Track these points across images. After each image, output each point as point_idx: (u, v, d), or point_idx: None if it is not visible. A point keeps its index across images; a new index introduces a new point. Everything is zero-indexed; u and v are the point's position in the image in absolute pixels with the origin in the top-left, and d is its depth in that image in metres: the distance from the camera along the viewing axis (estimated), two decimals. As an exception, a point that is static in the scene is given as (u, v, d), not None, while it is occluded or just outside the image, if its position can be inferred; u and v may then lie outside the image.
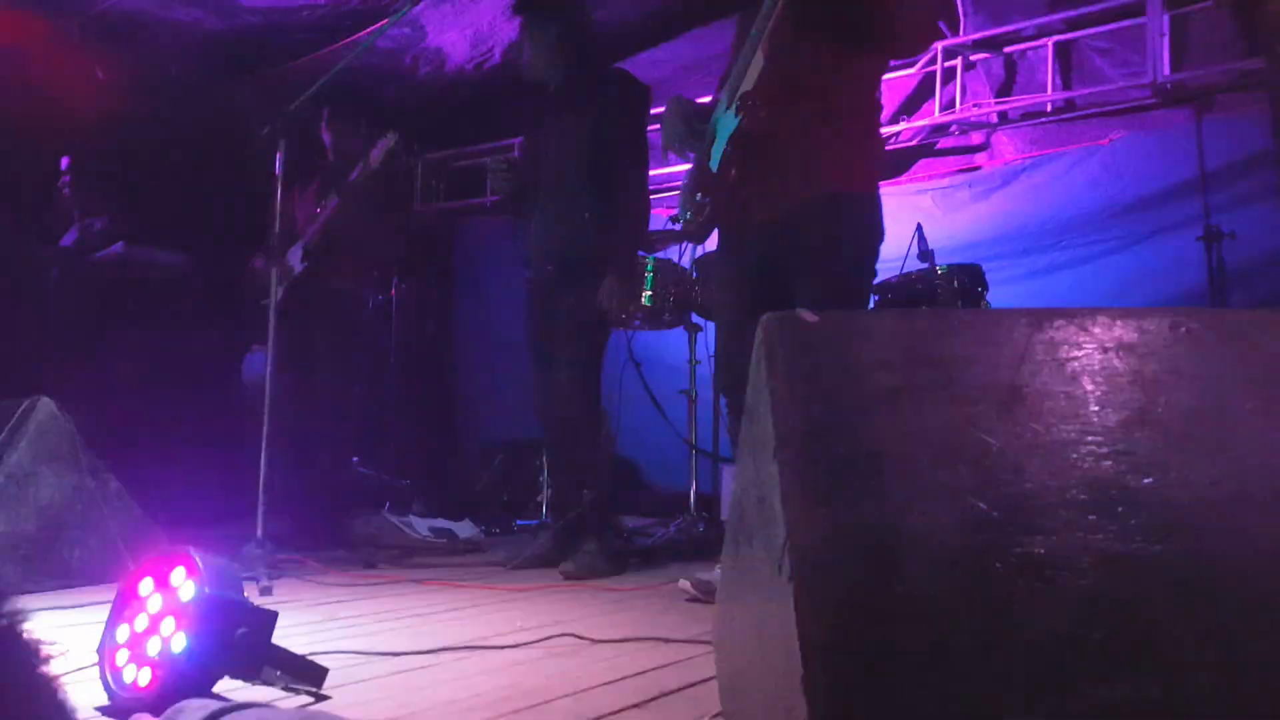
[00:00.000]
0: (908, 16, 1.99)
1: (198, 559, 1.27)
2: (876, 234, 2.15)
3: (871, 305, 2.87)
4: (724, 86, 2.28)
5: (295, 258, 3.73)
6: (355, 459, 4.49)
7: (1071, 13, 4.11)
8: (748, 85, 2.00)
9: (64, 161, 4.12)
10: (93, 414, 3.12)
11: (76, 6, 4.31)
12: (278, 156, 3.37)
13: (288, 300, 3.53)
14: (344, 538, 3.53)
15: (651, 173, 5.34)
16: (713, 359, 3.94)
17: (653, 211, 4.94)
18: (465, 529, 3.95)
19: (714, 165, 2.12)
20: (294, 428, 3.42)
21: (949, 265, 3.45)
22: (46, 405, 2.64)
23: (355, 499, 4.12)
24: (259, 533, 2.72)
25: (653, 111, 3.06)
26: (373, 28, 4.43)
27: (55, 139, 4.28)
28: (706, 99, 2.39)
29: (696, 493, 3.88)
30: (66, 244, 4.06)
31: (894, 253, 3.28)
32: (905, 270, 3.54)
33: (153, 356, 4.04)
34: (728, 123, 2.07)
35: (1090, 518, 0.85)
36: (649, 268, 3.81)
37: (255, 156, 3.55)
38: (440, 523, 3.98)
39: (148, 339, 4.05)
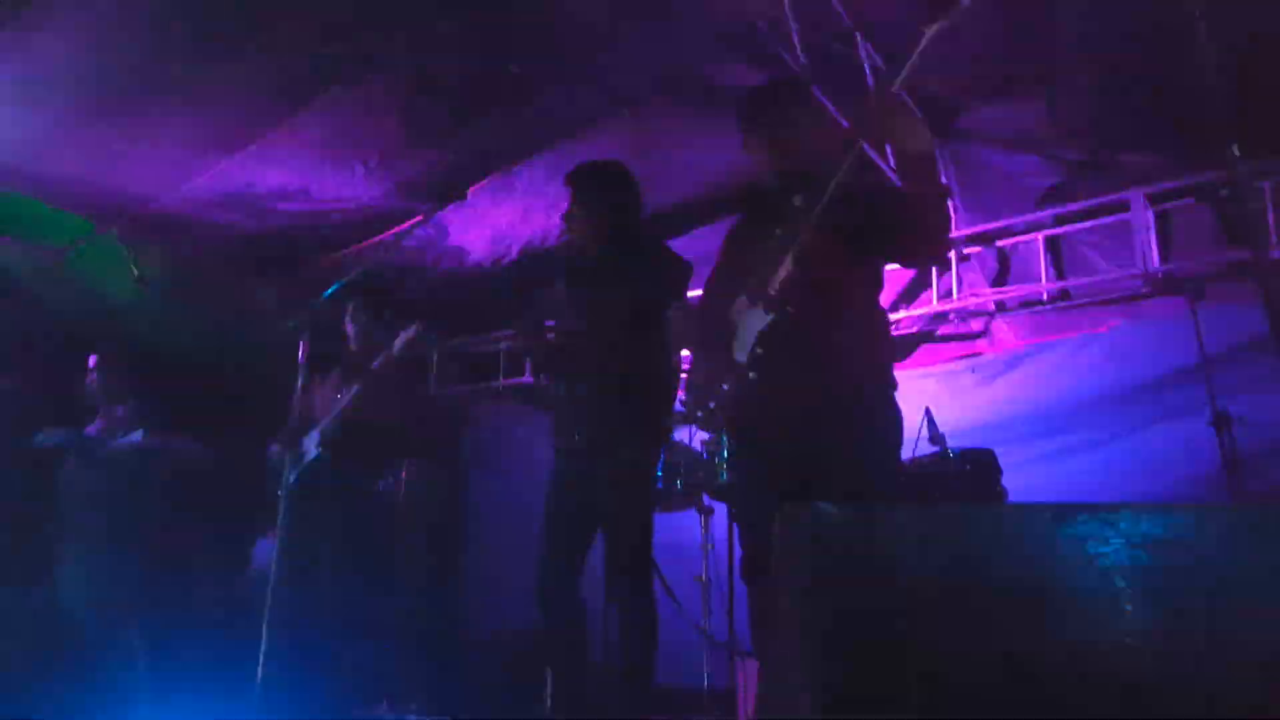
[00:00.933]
0: (929, 229, 2.12)
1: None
2: (899, 427, 2.22)
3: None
4: (719, 282, 2.42)
5: (311, 443, 3.79)
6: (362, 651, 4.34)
7: (1059, 209, 4.33)
8: (774, 287, 2.14)
9: (91, 359, 4.26)
10: (104, 602, 3.09)
11: (124, 208, 4.59)
12: (300, 346, 3.50)
13: (300, 485, 3.55)
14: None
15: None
16: (724, 543, 3.91)
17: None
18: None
19: (741, 358, 2.21)
20: (296, 615, 3.35)
21: (961, 450, 3.46)
22: (40, 598, 2.60)
23: (354, 691, 3.96)
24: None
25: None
26: (398, 229, 4.70)
27: (87, 331, 4.46)
28: (696, 292, 2.54)
29: (710, 689, 3.70)
30: (90, 433, 4.13)
31: (904, 437, 3.30)
32: (916, 454, 3.55)
33: (169, 543, 4.02)
34: (754, 320, 2.18)
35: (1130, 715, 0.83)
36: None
37: (278, 348, 3.69)
38: (440, 721, 3.80)
39: (165, 526, 4.04)
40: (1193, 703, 0.83)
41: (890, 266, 2.45)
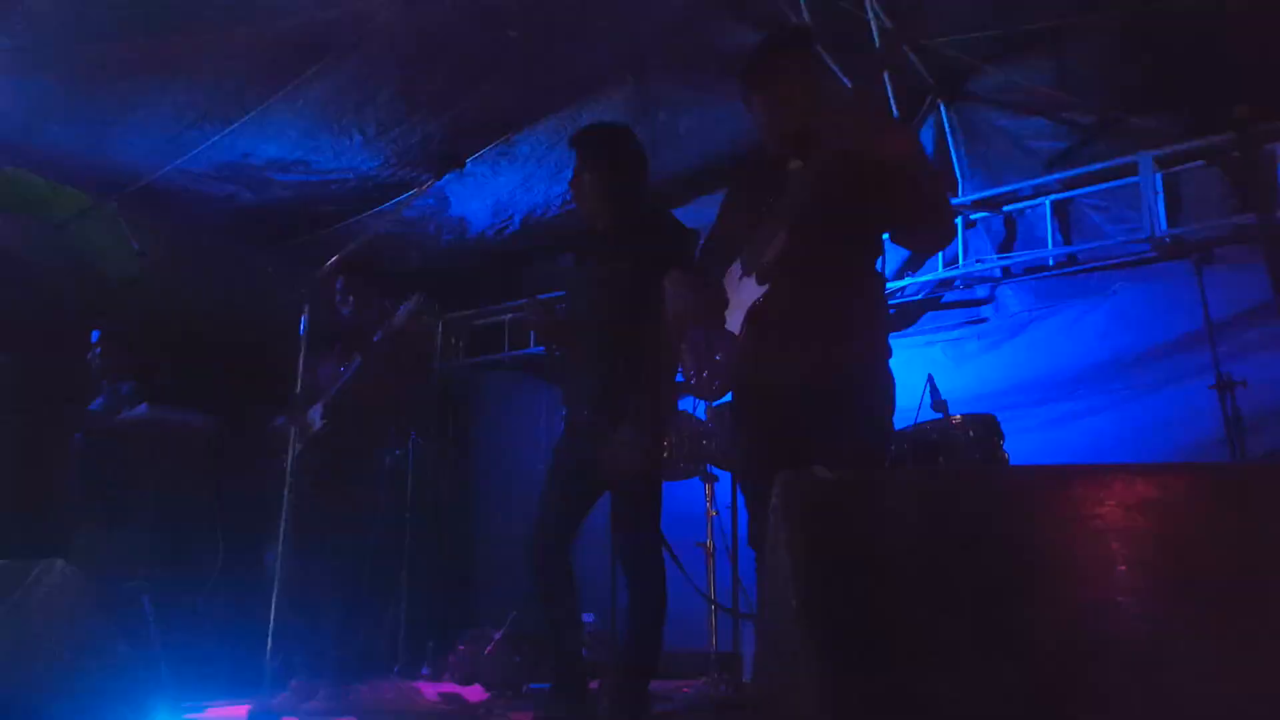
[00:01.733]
0: (929, 210, 2.10)
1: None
2: (892, 395, 2.21)
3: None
4: (715, 253, 2.38)
5: (315, 415, 3.79)
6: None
7: (1066, 173, 4.28)
8: (769, 257, 2.10)
9: (94, 334, 4.27)
10: (112, 575, 3.12)
11: (120, 182, 4.58)
12: (302, 319, 3.49)
13: (305, 458, 3.56)
14: (354, 703, 3.41)
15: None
16: (729, 510, 3.93)
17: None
18: (474, 693, 3.81)
19: (733, 329, 2.19)
20: (304, 586, 3.38)
21: (963, 415, 3.45)
22: (59, 569, 2.61)
23: (365, 662, 4.01)
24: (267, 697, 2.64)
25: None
26: (398, 199, 4.68)
27: (89, 305, 4.47)
28: None
29: (717, 652, 3.74)
30: (94, 408, 4.15)
31: (906, 404, 3.29)
32: (919, 420, 3.54)
33: (174, 516, 4.06)
34: (748, 290, 2.16)
35: (1125, 682, 0.82)
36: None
37: (281, 320, 3.69)
38: (449, 687, 3.85)
39: (170, 499, 4.07)
40: (1188, 664, 0.82)
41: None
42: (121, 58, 3.59)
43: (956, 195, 4.42)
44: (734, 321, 2.21)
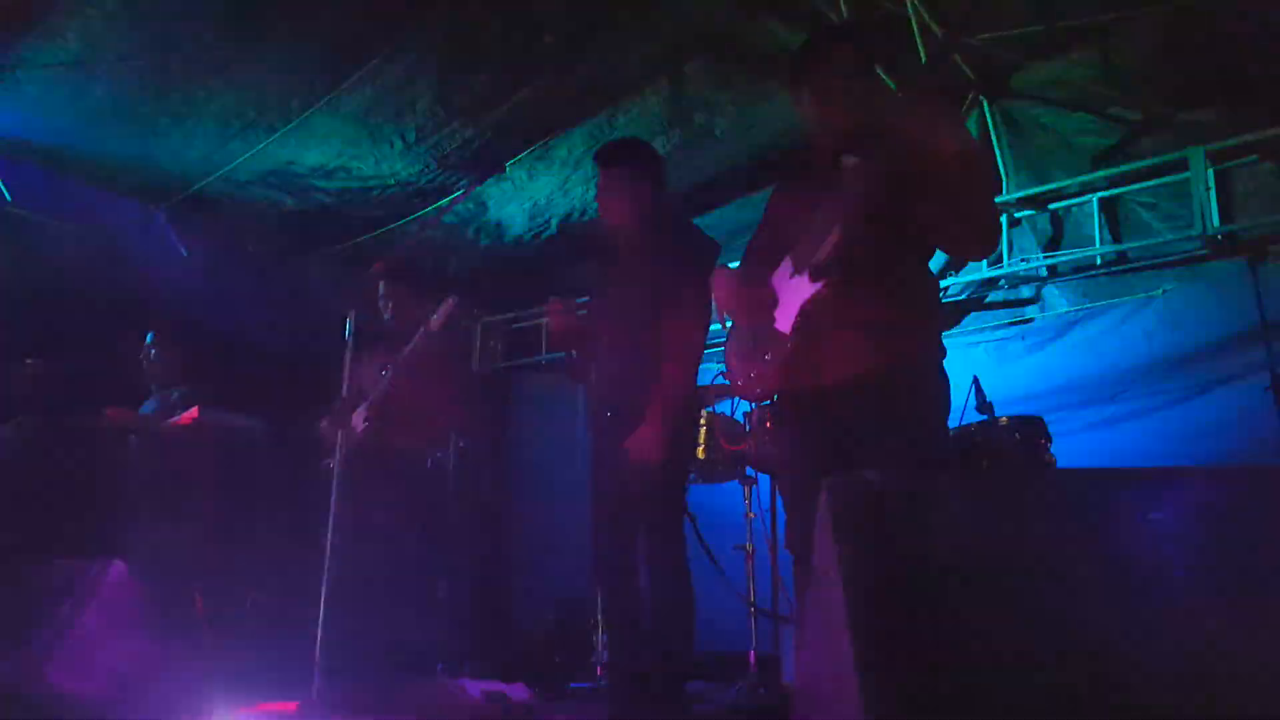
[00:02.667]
0: (977, 235, 2.10)
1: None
2: (947, 397, 2.18)
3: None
4: (761, 250, 2.37)
5: (359, 419, 3.85)
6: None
7: (1113, 169, 4.20)
8: (822, 255, 2.09)
9: (149, 336, 4.38)
10: (165, 575, 3.18)
11: (168, 190, 4.69)
12: (347, 323, 3.55)
13: (351, 461, 3.62)
14: (399, 701, 3.45)
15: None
16: (768, 513, 3.92)
17: (705, 364, 4.99)
18: (518, 692, 3.83)
19: (783, 328, 2.18)
20: (351, 587, 3.43)
21: (1009, 417, 3.41)
22: (117, 569, 2.68)
23: (410, 660, 4.05)
24: (316, 695, 2.68)
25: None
26: (439, 204, 4.72)
27: (141, 312, 4.58)
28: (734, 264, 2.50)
29: (756, 654, 3.73)
30: (146, 411, 4.25)
31: (952, 405, 3.26)
32: (964, 422, 3.50)
33: (224, 517, 4.14)
34: (799, 289, 2.14)
35: (1186, 690, 0.81)
36: (703, 421, 3.84)
37: (327, 325, 3.75)
38: (493, 685, 3.88)
39: (220, 500, 4.15)
40: (1248, 673, 0.81)
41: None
42: (170, 69, 3.68)
43: (1002, 193, 4.36)
44: (783, 321, 2.19)
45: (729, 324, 2.46)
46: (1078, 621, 0.91)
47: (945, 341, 2.24)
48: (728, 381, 2.46)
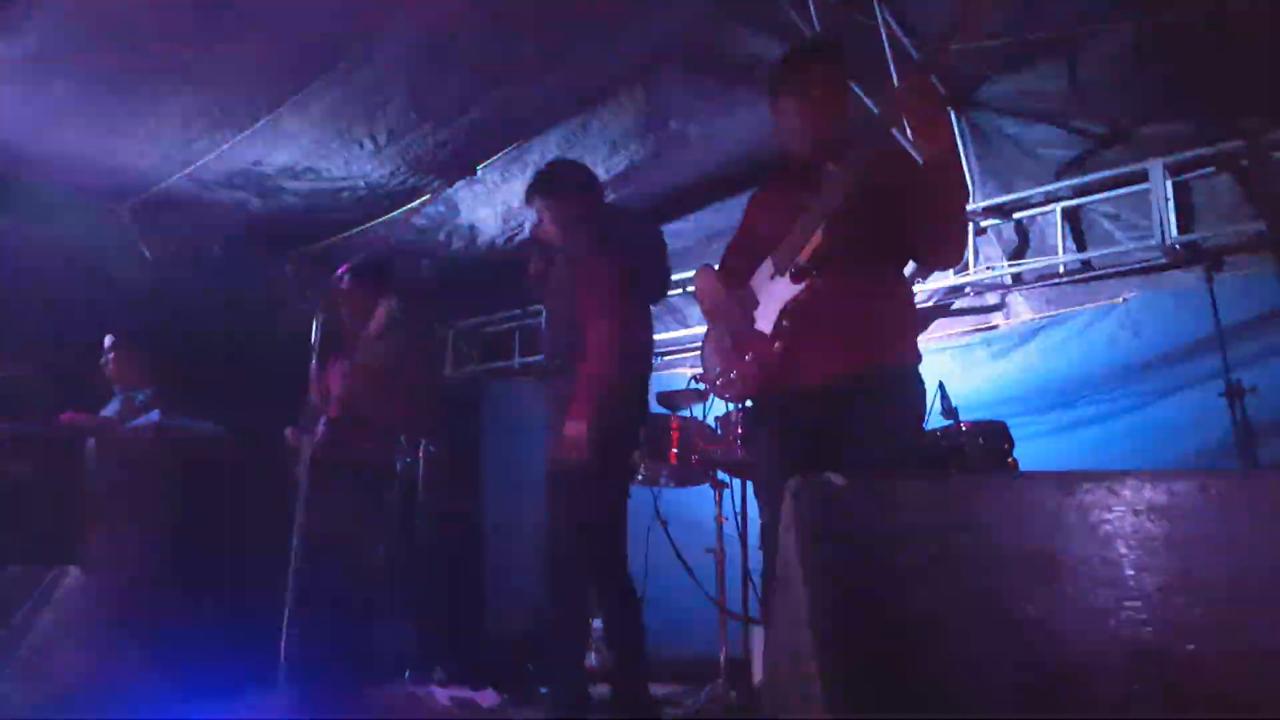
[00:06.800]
0: (950, 243, 2.18)
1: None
2: (923, 405, 2.22)
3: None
4: (741, 253, 2.39)
5: (323, 423, 3.80)
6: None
7: (1077, 180, 4.28)
8: (803, 258, 2.12)
9: (108, 339, 4.29)
10: (123, 580, 3.13)
11: (131, 190, 4.61)
12: (314, 326, 3.51)
13: (316, 467, 3.58)
14: (366, 708, 3.42)
15: (676, 334, 5.52)
16: (739, 516, 3.94)
17: (677, 370, 5.01)
18: (487, 698, 3.82)
19: (763, 329, 2.20)
20: (317, 593, 3.39)
21: (974, 422, 3.46)
22: (73, 575, 2.64)
23: (377, 667, 4.02)
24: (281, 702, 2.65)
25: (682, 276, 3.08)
26: (409, 205, 4.70)
27: (101, 315, 4.49)
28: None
29: (726, 657, 3.74)
30: (106, 414, 4.17)
31: (919, 411, 3.30)
32: (929, 427, 3.54)
33: (186, 522, 4.08)
34: (779, 291, 2.17)
35: (1134, 687, 0.83)
36: (674, 424, 3.85)
37: (292, 330, 3.70)
38: (462, 692, 3.86)
39: (181, 505, 4.09)
40: (1197, 668, 0.83)
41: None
42: (132, 67, 3.61)
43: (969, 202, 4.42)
44: (763, 322, 2.21)
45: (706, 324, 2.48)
46: (1038, 621, 0.93)
47: (911, 348, 2.27)
48: (703, 385, 2.48)
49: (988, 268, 4.57)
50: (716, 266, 2.48)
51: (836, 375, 2.14)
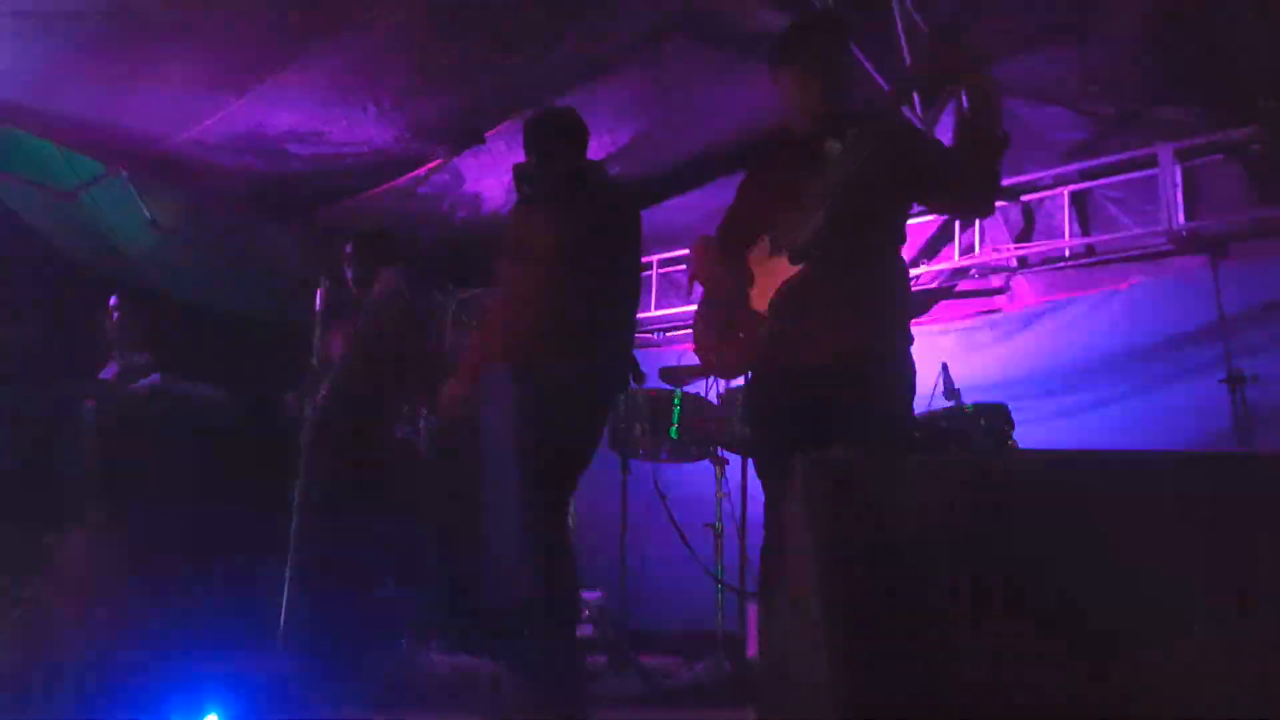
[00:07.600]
0: (989, 175, 2.15)
1: None
2: (914, 382, 2.23)
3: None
4: (735, 230, 2.37)
5: (324, 392, 3.80)
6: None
7: (1085, 164, 4.26)
8: (804, 237, 2.11)
9: (112, 299, 4.26)
10: (124, 542, 3.14)
11: (133, 149, 4.55)
12: (318, 294, 3.50)
13: (316, 434, 3.58)
14: (367, 675, 3.45)
15: (674, 310, 5.51)
16: (738, 492, 3.95)
17: (672, 348, 5.00)
18: (485, 665, 3.85)
19: (759, 307, 2.19)
20: (318, 558, 3.41)
21: (975, 404, 3.46)
22: (74, 539, 2.65)
23: (376, 632, 4.04)
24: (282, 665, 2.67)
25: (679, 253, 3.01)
26: (414, 174, 4.66)
27: (101, 275, 4.47)
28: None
29: (723, 630, 3.78)
30: (106, 376, 4.16)
31: (919, 391, 3.30)
32: (931, 408, 3.55)
33: (185, 486, 4.08)
34: (777, 269, 2.16)
35: (1132, 664, 0.83)
36: (675, 401, 3.86)
37: (296, 295, 3.68)
38: (460, 657, 3.89)
39: (181, 469, 4.09)
40: (1197, 649, 0.83)
41: (913, 221, 2.44)
42: (131, 23, 3.54)
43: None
44: (759, 299, 2.20)
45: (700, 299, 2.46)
46: (1037, 596, 0.94)
47: (916, 329, 2.28)
48: (698, 359, 2.47)
49: (993, 250, 4.56)
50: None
51: (833, 354, 2.14)
